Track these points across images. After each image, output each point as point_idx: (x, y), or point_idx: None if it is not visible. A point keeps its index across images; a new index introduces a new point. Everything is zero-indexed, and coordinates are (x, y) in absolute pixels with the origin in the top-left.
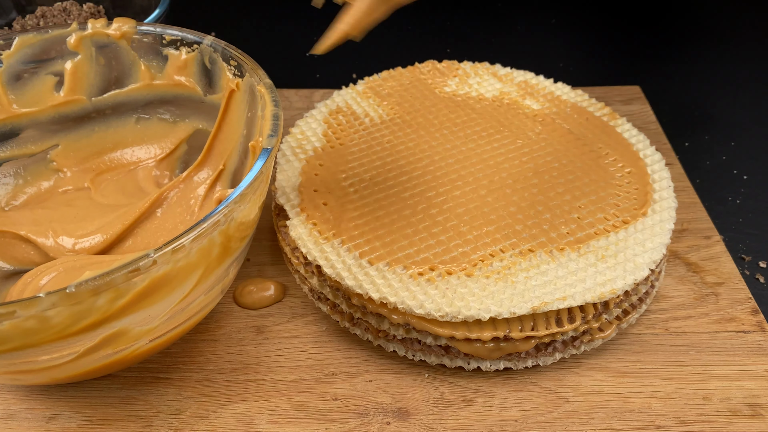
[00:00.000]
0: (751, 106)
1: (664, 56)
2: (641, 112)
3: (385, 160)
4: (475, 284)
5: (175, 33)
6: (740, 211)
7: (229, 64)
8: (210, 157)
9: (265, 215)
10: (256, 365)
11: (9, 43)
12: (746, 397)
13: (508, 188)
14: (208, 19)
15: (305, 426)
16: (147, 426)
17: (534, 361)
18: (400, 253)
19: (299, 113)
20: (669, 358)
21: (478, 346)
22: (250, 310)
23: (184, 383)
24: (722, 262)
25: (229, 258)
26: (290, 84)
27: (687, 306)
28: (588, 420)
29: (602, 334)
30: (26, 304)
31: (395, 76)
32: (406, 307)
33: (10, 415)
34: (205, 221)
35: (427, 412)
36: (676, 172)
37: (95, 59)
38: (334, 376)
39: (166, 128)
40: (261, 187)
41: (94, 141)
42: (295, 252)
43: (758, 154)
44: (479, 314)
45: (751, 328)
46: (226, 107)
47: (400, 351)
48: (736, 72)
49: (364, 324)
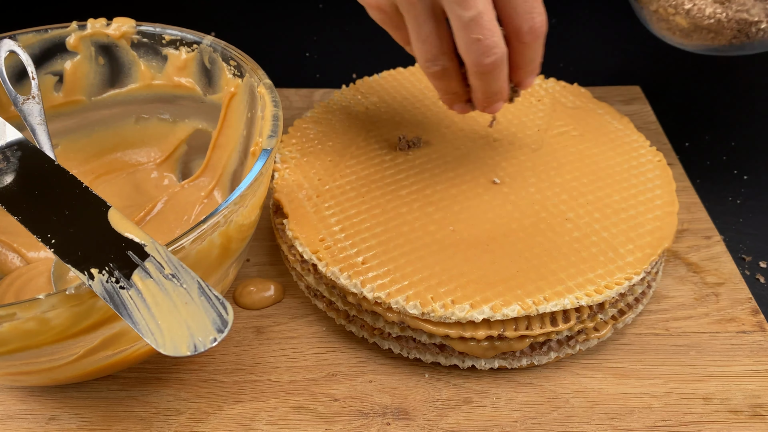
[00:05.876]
0: (751, 106)
1: (664, 56)
2: (641, 112)
3: (383, 158)
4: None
5: (175, 33)
6: (740, 211)
7: (228, 64)
8: (211, 161)
9: (263, 215)
10: (256, 366)
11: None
12: (746, 397)
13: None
14: (208, 19)
15: (305, 427)
16: (147, 427)
17: (529, 360)
18: (396, 252)
19: (299, 113)
20: (669, 359)
21: (472, 345)
22: (250, 310)
23: (184, 384)
24: (722, 263)
25: (228, 259)
26: (290, 84)
27: (687, 306)
28: (588, 420)
29: (598, 333)
30: (26, 306)
31: (395, 76)
32: (400, 307)
33: (10, 415)
34: (204, 222)
35: (427, 413)
36: (676, 172)
37: (95, 59)
38: (334, 376)
39: (166, 128)
40: (261, 188)
41: (94, 141)
42: (291, 249)
43: (758, 154)
44: (472, 316)
45: (752, 329)
46: (227, 109)
47: (395, 349)
48: (736, 72)
49: (359, 321)
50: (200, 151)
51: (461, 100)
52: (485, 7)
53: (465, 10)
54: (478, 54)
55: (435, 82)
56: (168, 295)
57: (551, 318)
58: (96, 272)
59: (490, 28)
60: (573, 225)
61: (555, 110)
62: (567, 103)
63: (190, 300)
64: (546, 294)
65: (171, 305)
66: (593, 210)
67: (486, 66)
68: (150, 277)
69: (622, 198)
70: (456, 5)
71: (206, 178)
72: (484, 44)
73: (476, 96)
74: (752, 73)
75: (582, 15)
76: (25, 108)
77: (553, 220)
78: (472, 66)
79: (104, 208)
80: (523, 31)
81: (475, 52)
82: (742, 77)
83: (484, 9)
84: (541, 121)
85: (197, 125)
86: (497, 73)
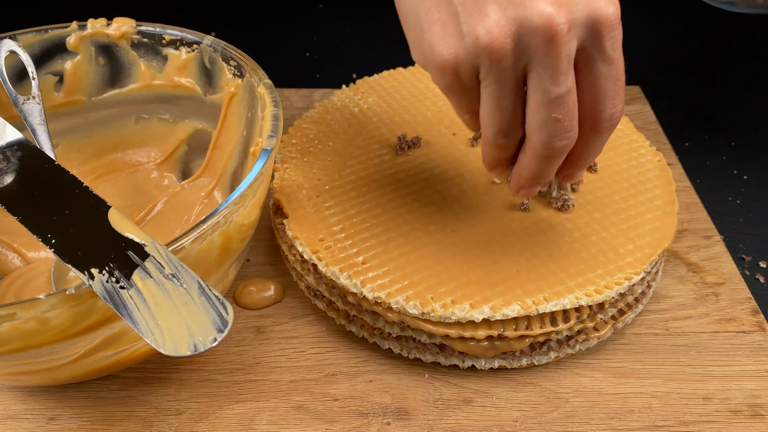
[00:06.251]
0: (751, 106)
1: (664, 56)
2: (641, 112)
3: (383, 158)
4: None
5: (175, 33)
6: (740, 211)
7: (228, 64)
8: (211, 161)
9: (263, 215)
10: (256, 365)
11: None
12: (746, 397)
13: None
14: (208, 19)
15: (305, 426)
16: (147, 426)
17: (529, 360)
18: (396, 252)
19: (299, 113)
20: (669, 359)
21: (472, 345)
22: (250, 310)
23: (184, 384)
24: (722, 262)
25: (228, 259)
26: (290, 84)
27: (687, 306)
28: (588, 420)
29: (597, 333)
30: (26, 305)
31: (395, 76)
32: (400, 307)
33: (10, 415)
34: (204, 222)
35: (427, 413)
36: (676, 172)
37: (95, 59)
38: (334, 376)
39: (166, 128)
40: (261, 188)
41: (94, 141)
42: (291, 249)
43: (758, 154)
44: (472, 316)
45: (752, 328)
46: (227, 109)
47: (395, 348)
48: (736, 72)
49: (359, 321)
50: (200, 151)
51: (504, 168)
52: (573, 86)
53: (555, 85)
54: (551, 135)
55: (493, 151)
56: (168, 295)
57: (551, 318)
58: (96, 272)
59: (572, 109)
60: (573, 225)
61: None
62: None
63: (190, 300)
64: (546, 294)
65: (171, 305)
66: (593, 210)
67: (554, 150)
68: (150, 277)
69: (622, 198)
70: (547, 78)
71: (206, 178)
72: (563, 126)
73: (521, 173)
74: (752, 73)
75: None
76: (25, 108)
77: (552, 220)
78: (541, 147)
79: (104, 208)
80: (604, 117)
81: (549, 132)
82: (742, 77)
83: (572, 88)
84: None
85: (197, 125)
86: (559, 159)
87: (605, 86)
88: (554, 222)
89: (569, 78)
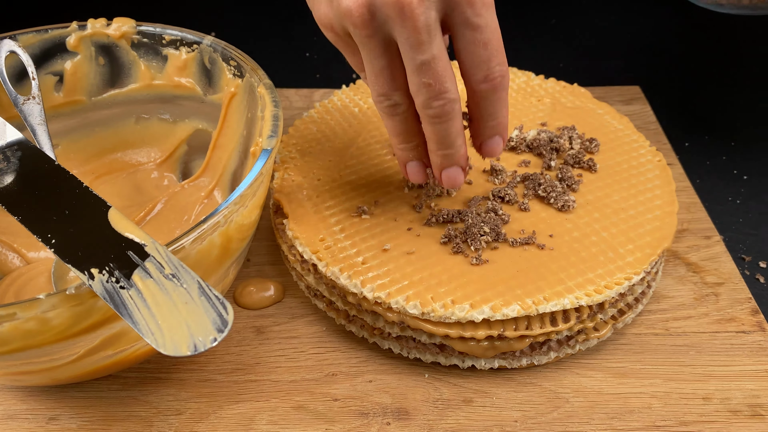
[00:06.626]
0: (751, 106)
1: (664, 56)
2: (641, 112)
3: (383, 159)
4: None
5: (175, 33)
6: (740, 211)
7: (228, 64)
8: (211, 161)
9: (263, 215)
10: (256, 365)
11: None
12: (746, 397)
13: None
14: (208, 19)
15: (305, 426)
16: (147, 426)
17: (529, 360)
18: (396, 251)
19: (299, 113)
20: (669, 359)
21: (472, 345)
22: (250, 310)
23: (184, 384)
24: (722, 262)
25: (228, 259)
26: (290, 84)
27: (687, 306)
28: (588, 420)
29: (597, 333)
30: (26, 305)
31: None
32: (400, 307)
33: (10, 415)
34: (204, 222)
35: (427, 413)
36: (676, 172)
37: (95, 59)
38: (334, 376)
39: (166, 128)
40: (261, 188)
41: (94, 141)
42: (291, 249)
43: (758, 154)
44: (472, 316)
45: (751, 328)
46: (227, 109)
47: (395, 348)
48: (736, 72)
49: (359, 321)
50: (200, 151)
51: (416, 157)
52: (439, 52)
53: (418, 53)
54: (427, 97)
55: (387, 121)
56: (168, 295)
57: (551, 318)
58: (96, 272)
59: (442, 74)
60: (573, 225)
61: (555, 110)
62: (567, 103)
63: (190, 300)
64: (546, 294)
65: (171, 305)
66: (593, 210)
67: (437, 111)
68: (150, 277)
69: (622, 198)
70: (408, 47)
71: (206, 178)
72: (434, 89)
73: (431, 151)
74: (752, 74)
75: (582, 15)
76: (25, 108)
77: (552, 220)
78: (422, 108)
79: (104, 208)
80: (478, 80)
81: (424, 95)
82: (742, 77)
83: (439, 54)
84: (541, 121)
85: (197, 125)
86: (448, 120)
87: (475, 51)
88: (554, 222)
89: (434, 45)
